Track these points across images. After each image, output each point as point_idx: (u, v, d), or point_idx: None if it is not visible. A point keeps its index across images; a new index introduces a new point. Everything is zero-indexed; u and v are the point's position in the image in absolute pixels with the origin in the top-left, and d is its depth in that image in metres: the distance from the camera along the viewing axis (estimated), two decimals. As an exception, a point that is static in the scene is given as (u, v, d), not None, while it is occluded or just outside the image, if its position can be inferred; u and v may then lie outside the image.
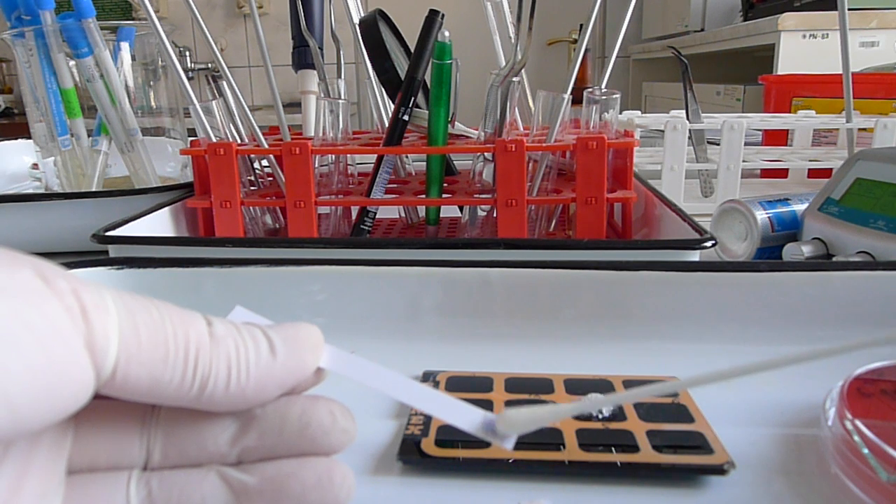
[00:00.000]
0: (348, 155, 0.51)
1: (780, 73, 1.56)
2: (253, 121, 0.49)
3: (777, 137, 0.85)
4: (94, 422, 0.17)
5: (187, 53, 2.73)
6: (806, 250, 0.43)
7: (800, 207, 0.46)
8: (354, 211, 0.51)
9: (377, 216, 0.50)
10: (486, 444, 0.24)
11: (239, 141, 0.50)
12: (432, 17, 0.44)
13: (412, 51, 0.46)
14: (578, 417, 0.26)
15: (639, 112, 0.83)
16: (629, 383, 0.29)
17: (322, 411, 0.17)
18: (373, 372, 0.18)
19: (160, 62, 0.66)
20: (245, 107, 0.50)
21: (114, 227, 0.42)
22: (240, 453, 0.17)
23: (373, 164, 0.48)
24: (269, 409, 0.17)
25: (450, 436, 0.25)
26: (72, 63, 0.60)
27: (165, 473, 0.17)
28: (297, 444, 0.17)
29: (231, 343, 0.16)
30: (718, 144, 0.63)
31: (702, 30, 2.15)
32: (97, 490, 0.16)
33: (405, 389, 0.18)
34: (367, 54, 0.50)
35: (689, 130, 0.62)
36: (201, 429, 0.17)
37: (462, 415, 0.17)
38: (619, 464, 0.23)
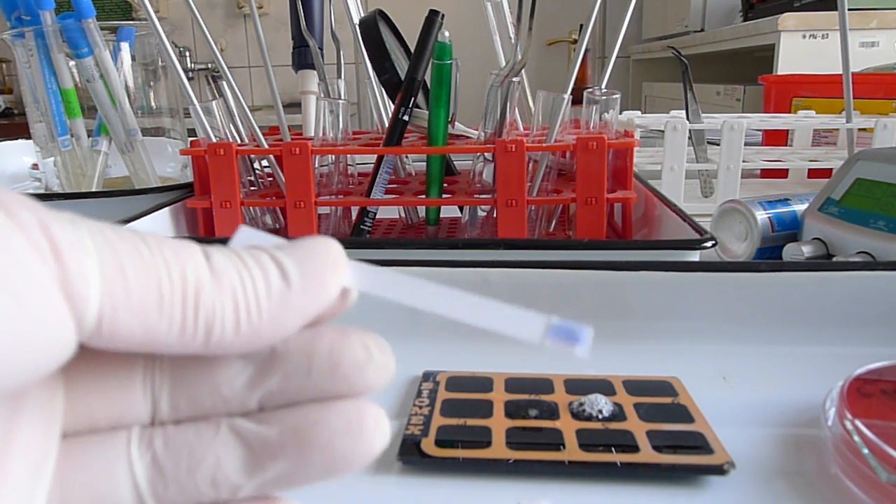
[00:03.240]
0: (348, 155, 0.51)
1: (779, 73, 1.56)
2: (253, 121, 0.49)
3: (777, 137, 0.85)
4: (86, 373, 0.15)
5: (187, 53, 2.73)
6: (806, 250, 0.43)
7: (800, 207, 0.46)
8: (354, 211, 0.51)
9: (377, 216, 0.50)
10: (487, 444, 0.24)
11: (239, 141, 0.50)
12: (432, 18, 0.44)
13: (412, 51, 0.46)
14: (578, 417, 0.26)
15: (639, 112, 0.83)
16: (629, 383, 0.29)
17: (355, 345, 0.15)
18: (410, 286, 0.15)
19: (160, 62, 0.66)
20: (245, 107, 0.50)
21: (114, 228, 0.42)
22: (261, 399, 0.15)
23: (373, 165, 0.48)
24: (293, 345, 0.15)
25: (450, 436, 0.25)
26: (72, 63, 0.60)
27: (171, 431, 0.14)
28: (327, 384, 0.14)
29: (235, 276, 0.14)
30: (718, 144, 0.63)
31: (702, 30, 2.15)
32: (94, 455, 0.14)
33: (450, 302, 0.15)
34: (367, 54, 0.50)
35: (689, 130, 0.62)
36: (214, 371, 0.15)
37: (519, 324, 0.15)
38: (619, 464, 0.23)
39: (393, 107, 0.47)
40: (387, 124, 0.54)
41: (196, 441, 0.14)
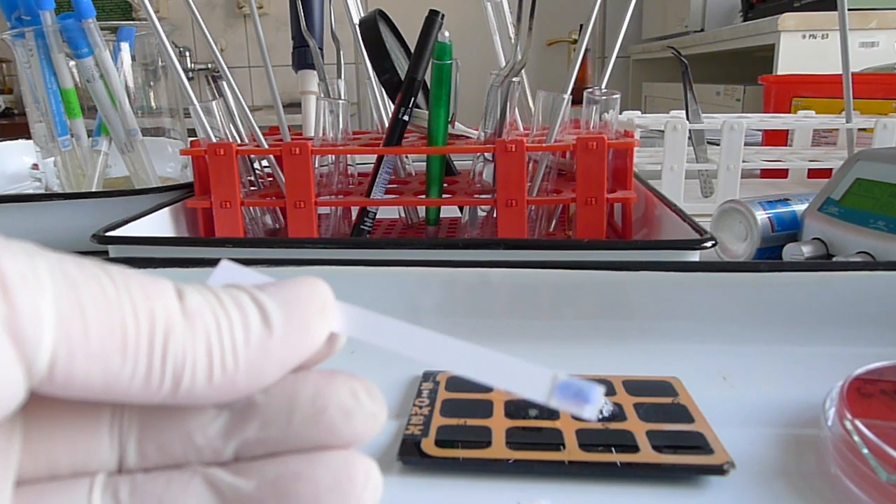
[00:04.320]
0: (348, 155, 0.51)
1: (779, 73, 1.56)
2: (253, 121, 0.49)
3: (777, 137, 0.85)
4: (48, 414, 0.13)
5: (187, 54, 2.73)
6: (806, 250, 0.43)
7: (800, 207, 0.46)
8: (354, 211, 0.51)
9: (377, 216, 0.50)
10: (487, 444, 0.24)
11: (239, 141, 0.50)
12: (432, 18, 0.44)
13: (412, 51, 0.46)
14: (578, 417, 0.26)
15: (639, 112, 0.83)
16: (629, 383, 0.29)
17: (342, 391, 0.13)
18: (402, 333, 0.14)
19: (160, 62, 0.66)
20: (245, 107, 0.50)
21: (114, 228, 0.42)
22: (238, 448, 0.13)
23: (373, 165, 0.48)
24: (272, 390, 0.13)
25: (450, 436, 0.25)
26: (72, 63, 0.60)
27: (139, 479, 0.13)
28: (310, 434, 0.13)
29: (210, 318, 0.12)
30: (718, 145, 0.63)
31: (702, 30, 2.15)
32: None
33: (446, 353, 0.14)
34: (367, 54, 0.50)
35: (689, 130, 0.62)
36: (185, 417, 0.13)
37: (525, 379, 0.14)
38: (619, 464, 0.23)
39: (393, 107, 0.47)
40: (387, 124, 0.54)
41: (165, 491, 0.13)
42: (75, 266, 0.12)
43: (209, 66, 2.77)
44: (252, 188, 0.52)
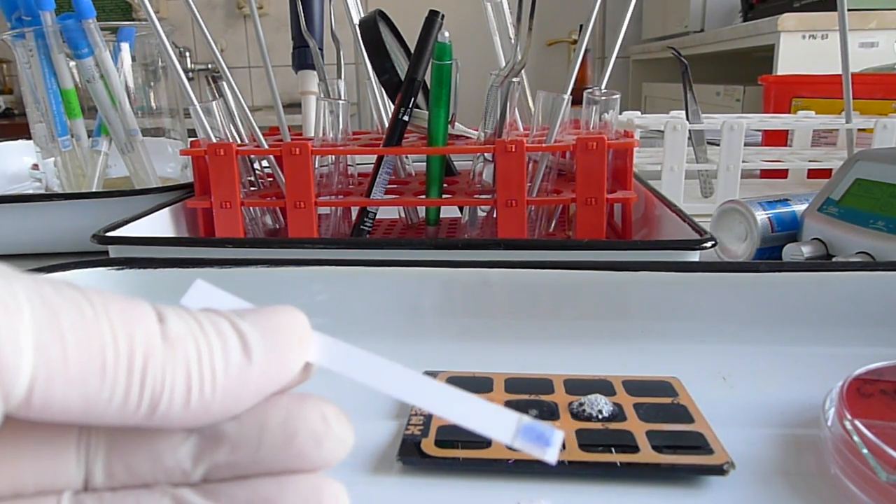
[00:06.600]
0: (348, 155, 0.51)
1: (779, 73, 1.56)
2: (253, 121, 0.49)
3: (777, 138, 0.85)
4: (13, 434, 0.13)
5: (187, 54, 2.73)
6: (806, 251, 0.43)
7: (799, 208, 0.47)
8: (354, 211, 0.51)
9: (377, 216, 0.50)
10: (487, 444, 0.24)
11: (239, 141, 0.50)
12: (432, 18, 0.44)
13: (412, 51, 0.46)
14: (578, 418, 0.26)
15: (639, 112, 0.83)
16: (629, 383, 0.29)
17: (312, 416, 0.13)
18: (376, 368, 0.15)
19: (160, 63, 0.66)
20: (245, 107, 0.50)
21: (114, 228, 0.42)
22: (207, 471, 0.13)
23: (373, 165, 0.48)
24: (245, 414, 0.13)
25: (450, 436, 0.25)
26: (72, 64, 0.61)
27: (107, 498, 0.13)
28: (280, 458, 0.13)
29: (191, 345, 0.12)
30: (718, 145, 0.63)
31: (701, 30, 2.15)
32: None
33: (418, 390, 0.14)
34: (367, 55, 0.50)
35: (689, 131, 0.62)
36: (154, 437, 0.13)
37: (491, 420, 0.14)
38: (619, 464, 0.23)
39: (393, 107, 0.47)
40: (387, 124, 0.54)
41: None
42: (53, 290, 0.11)
43: (209, 66, 2.77)
44: (252, 188, 0.52)
